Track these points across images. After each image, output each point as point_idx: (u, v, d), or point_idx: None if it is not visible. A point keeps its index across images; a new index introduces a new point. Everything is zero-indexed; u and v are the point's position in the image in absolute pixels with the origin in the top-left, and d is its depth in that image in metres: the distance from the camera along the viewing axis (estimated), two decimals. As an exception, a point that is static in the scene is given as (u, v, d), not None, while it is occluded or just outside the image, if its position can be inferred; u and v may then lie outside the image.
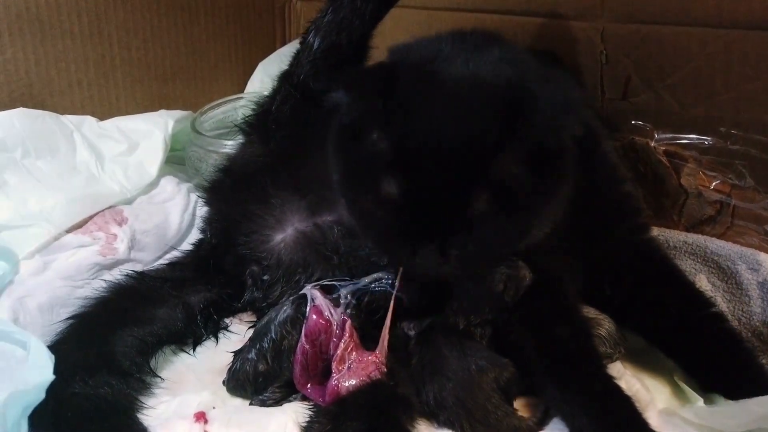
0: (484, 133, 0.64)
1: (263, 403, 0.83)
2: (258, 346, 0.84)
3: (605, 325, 0.86)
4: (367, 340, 0.83)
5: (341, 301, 0.84)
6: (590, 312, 0.87)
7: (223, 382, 0.87)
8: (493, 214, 0.66)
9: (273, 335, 0.84)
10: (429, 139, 0.65)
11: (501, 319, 0.83)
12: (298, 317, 0.85)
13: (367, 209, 0.71)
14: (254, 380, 0.83)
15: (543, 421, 0.79)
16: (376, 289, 0.85)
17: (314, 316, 0.82)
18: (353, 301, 0.84)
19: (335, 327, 0.82)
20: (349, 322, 0.82)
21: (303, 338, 0.82)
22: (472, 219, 0.66)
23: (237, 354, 0.87)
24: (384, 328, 0.81)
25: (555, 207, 0.72)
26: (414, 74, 0.69)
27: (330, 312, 0.83)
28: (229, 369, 0.86)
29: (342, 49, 0.94)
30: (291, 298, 0.88)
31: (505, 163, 0.64)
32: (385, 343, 0.80)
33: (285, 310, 0.86)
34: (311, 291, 0.85)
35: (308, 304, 0.84)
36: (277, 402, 0.83)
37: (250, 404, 0.83)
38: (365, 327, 0.84)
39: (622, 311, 0.91)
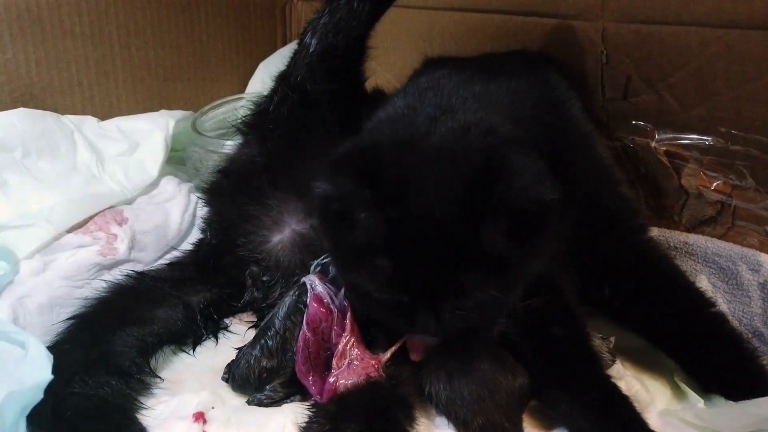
0: (466, 206, 0.67)
1: (261, 403, 0.82)
2: (262, 341, 0.84)
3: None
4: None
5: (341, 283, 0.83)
6: None
7: (224, 378, 0.87)
8: (481, 282, 0.68)
9: (277, 329, 0.84)
10: (417, 217, 0.67)
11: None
12: (299, 307, 0.85)
13: (362, 286, 0.73)
14: (259, 376, 0.83)
15: None
16: None
17: (315, 305, 0.82)
18: None
19: (336, 314, 0.82)
20: (350, 314, 0.82)
21: (305, 326, 0.82)
22: (463, 290, 0.69)
23: (241, 350, 0.87)
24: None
25: (543, 261, 0.75)
26: (395, 156, 0.70)
27: (330, 299, 0.83)
28: (232, 365, 0.86)
29: (339, 51, 0.94)
30: (291, 291, 0.88)
31: (489, 232, 0.66)
32: (390, 353, 0.80)
33: (287, 303, 0.86)
34: (310, 278, 0.85)
35: (308, 293, 0.84)
36: (275, 402, 0.82)
37: (247, 402, 0.83)
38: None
39: (622, 312, 0.91)
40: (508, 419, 0.76)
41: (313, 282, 0.84)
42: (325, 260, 0.86)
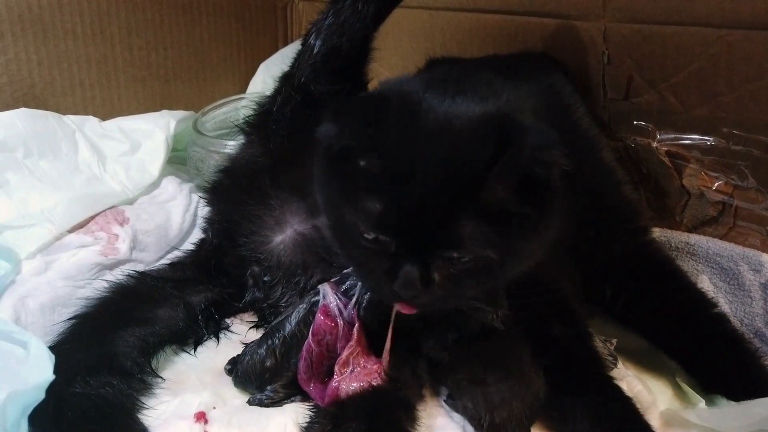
0: (473, 157, 0.64)
1: (261, 403, 0.82)
2: (270, 341, 0.84)
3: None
4: (377, 340, 0.82)
5: (353, 294, 0.82)
6: None
7: (226, 369, 0.87)
8: (479, 240, 0.65)
9: (286, 333, 0.84)
10: (417, 161, 0.65)
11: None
12: (308, 318, 0.84)
13: (349, 225, 0.69)
14: (261, 374, 0.83)
15: None
16: None
17: (321, 317, 0.82)
18: (365, 297, 0.82)
19: (341, 328, 0.81)
20: (357, 325, 0.81)
21: (310, 336, 0.82)
22: (459, 243, 0.65)
23: (248, 346, 0.87)
24: (387, 340, 0.80)
25: (543, 239, 0.71)
26: (404, 104, 0.69)
27: (338, 311, 0.82)
28: (237, 359, 0.86)
29: (343, 52, 0.94)
30: (308, 297, 0.87)
31: (493, 187, 0.63)
32: (388, 355, 0.80)
33: (301, 309, 0.86)
34: (323, 288, 0.84)
35: (320, 299, 0.84)
36: (275, 403, 0.82)
37: (248, 402, 0.83)
38: (372, 325, 0.82)
39: (624, 313, 0.91)
40: (528, 420, 0.76)
41: (325, 291, 0.84)
42: (343, 273, 0.85)
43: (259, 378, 0.83)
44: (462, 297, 0.73)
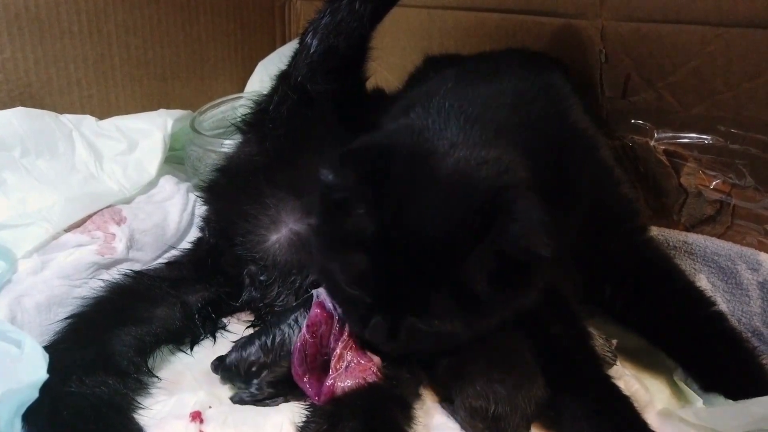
0: (459, 234, 0.67)
1: (242, 401, 0.82)
2: (261, 338, 0.84)
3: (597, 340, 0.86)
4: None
5: None
6: None
7: (212, 366, 0.86)
8: (449, 310, 0.69)
9: (277, 331, 0.84)
10: (409, 229, 0.67)
11: None
12: (302, 316, 0.84)
13: (334, 272, 0.74)
14: (248, 368, 0.83)
15: None
16: None
17: (316, 309, 0.82)
18: None
19: (336, 320, 0.82)
20: None
21: (304, 328, 0.82)
22: (428, 310, 0.69)
23: (236, 343, 0.87)
24: None
25: (513, 313, 0.75)
26: (406, 163, 0.70)
27: (333, 305, 0.82)
28: (225, 355, 0.86)
29: (340, 52, 0.93)
30: (300, 301, 0.88)
31: (472, 267, 0.66)
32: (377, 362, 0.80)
33: (293, 310, 0.86)
34: (317, 290, 0.85)
35: (313, 297, 0.84)
36: (259, 402, 0.82)
37: (231, 399, 0.83)
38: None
39: (622, 312, 0.91)
40: (532, 414, 0.76)
41: (319, 291, 0.84)
42: None
43: (246, 372, 0.83)
44: (424, 352, 0.78)
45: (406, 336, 0.71)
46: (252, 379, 0.83)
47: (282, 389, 0.82)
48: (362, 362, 0.79)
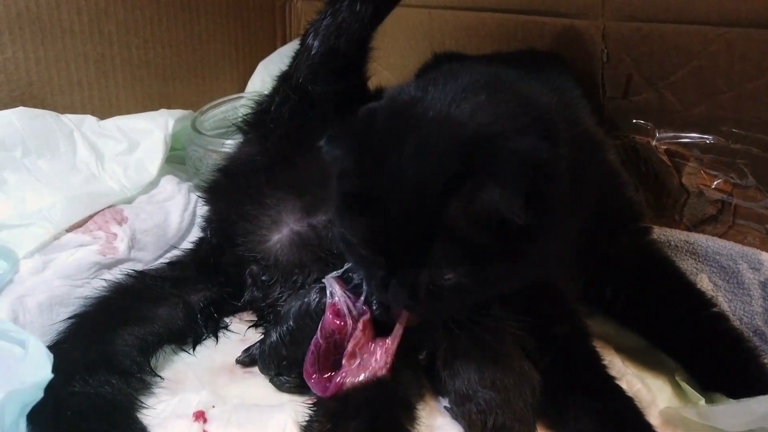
0: (438, 178, 0.65)
1: (282, 386, 0.84)
2: (279, 331, 0.85)
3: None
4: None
5: (363, 290, 0.82)
6: None
7: (238, 360, 0.88)
8: (451, 259, 0.67)
9: (291, 323, 0.84)
10: (392, 182, 0.67)
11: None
12: (313, 312, 0.84)
13: (348, 241, 0.73)
14: (279, 363, 0.84)
15: None
16: None
17: (330, 316, 0.81)
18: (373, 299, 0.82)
19: (350, 327, 0.80)
20: (367, 317, 0.80)
21: (318, 332, 0.81)
22: (432, 261, 0.67)
23: (263, 337, 0.89)
24: (393, 339, 0.80)
25: (523, 268, 0.72)
26: (389, 119, 0.70)
27: (347, 309, 0.81)
28: (255, 349, 0.87)
29: (341, 53, 0.93)
30: (313, 288, 0.87)
31: (455, 215, 0.64)
32: (390, 357, 0.79)
33: (304, 302, 0.85)
34: (330, 281, 0.83)
35: (327, 297, 0.82)
36: (296, 387, 0.84)
37: (270, 380, 0.84)
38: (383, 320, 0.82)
39: (624, 312, 0.91)
40: (531, 416, 0.76)
41: (333, 288, 0.82)
42: (347, 267, 0.84)
43: (278, 365, 0.84)
44: (451, 311, 0.76)
45: (426, 295, 0.69)
46: (285, 370, 0.84)
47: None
48: (374, 355, 0.78)
